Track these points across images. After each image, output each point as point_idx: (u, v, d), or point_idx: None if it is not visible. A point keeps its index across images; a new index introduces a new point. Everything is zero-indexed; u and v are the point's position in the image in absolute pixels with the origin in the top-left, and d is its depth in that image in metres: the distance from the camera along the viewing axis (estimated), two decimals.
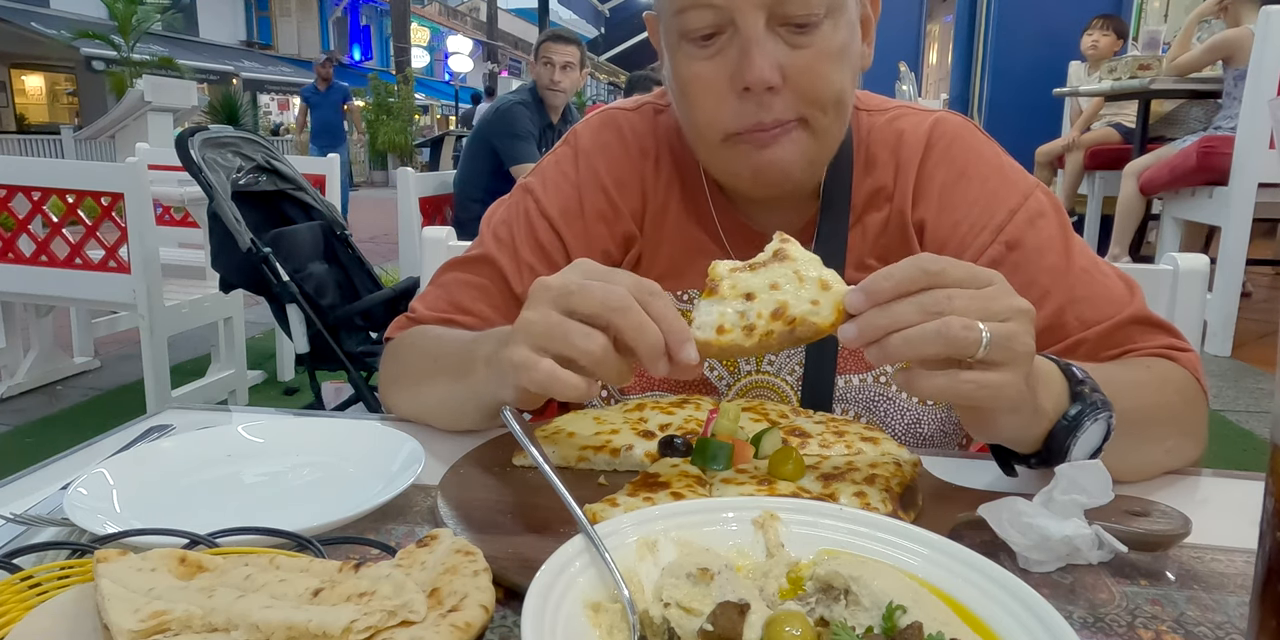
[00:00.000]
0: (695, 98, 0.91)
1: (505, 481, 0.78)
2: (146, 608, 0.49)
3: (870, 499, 0.70)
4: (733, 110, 0.89)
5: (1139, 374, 0.87)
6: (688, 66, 0.90)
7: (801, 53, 0.87)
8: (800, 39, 0.87)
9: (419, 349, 0.99)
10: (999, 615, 0.52)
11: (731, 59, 0.87)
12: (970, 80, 9.06)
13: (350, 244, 3.15)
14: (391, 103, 19.43)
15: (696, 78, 0.90)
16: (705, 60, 0.89)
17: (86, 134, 6.11)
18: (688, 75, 0.90)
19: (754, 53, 0.85)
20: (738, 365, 1.02)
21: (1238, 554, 0.69)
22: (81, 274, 3.25)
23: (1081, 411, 0.71)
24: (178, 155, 2.81)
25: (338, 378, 3.14)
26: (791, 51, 0.87)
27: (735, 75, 0.87)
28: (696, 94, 0.91)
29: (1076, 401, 0.72)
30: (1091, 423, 0.71)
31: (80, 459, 0.86)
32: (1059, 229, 0.97)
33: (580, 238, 0.80)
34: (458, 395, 0.88)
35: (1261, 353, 4.35)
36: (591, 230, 1.03)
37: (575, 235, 0.99)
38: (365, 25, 35.42)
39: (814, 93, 0.88)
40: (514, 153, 4.22)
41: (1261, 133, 4.13)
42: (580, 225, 1.03)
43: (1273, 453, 0.49)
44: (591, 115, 1.12)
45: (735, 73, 0.87)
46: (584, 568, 0.55)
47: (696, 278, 1.03)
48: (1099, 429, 0.72)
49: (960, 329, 0.61)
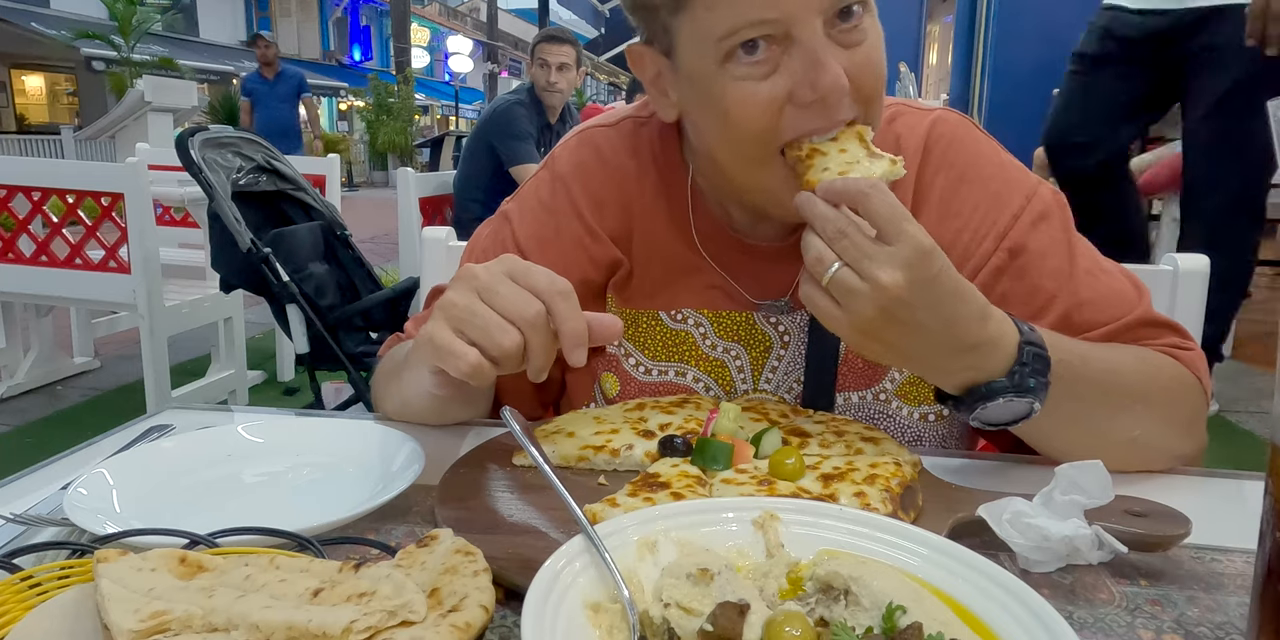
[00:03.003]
0: (748, 118, 0.84)
1: (505, 481, 0.78)
2: (146, 608, 0.49)
3: (870, 499, 0.70)
4: (790, 120, 0.83)
5: (1124, 360, 0.87)
6: (738, 89, 0.83)
7: (856, 51, 0.83)
8: (851, 37, 0.83)
9: (392, 357, 1.03)
10: (999, 615, 0.52)
11: (793, 72, 0.81)
12: (970, 80, 9.05)
13: (350, 244, 3.15)
14: (391, 103, 19.44)
15: (751, 98, 0.83)
16: (760, 79, 0.82)
17: (86, 134, 6.12)
18: (740, 97, 0.83)
19: (825, 59, 0.80)
20: (734, 384, 1.02)
21: (1238, 554, 0.69)
22: (81, 274, 3.25)
23: (1004, 388, 0.77)
24: (178, 155, 2.81)
25: (338, 378, 3.14)
26: (848, 52, 0.83)
27: (802, 90, 0.81)
28: (750, 114, 0.84)
29: (1006, 378, 0.77)
30: (1006, 401, 0.77)
31: (80, 459, 0.86)
32: (1062, 230, 0.96)
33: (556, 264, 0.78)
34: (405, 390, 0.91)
35: (1261, 353, 4.35)
36: (569, 256, 1.01)
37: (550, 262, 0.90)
38: (365, 25, 35.43)
39: (870, 90, 0.85)
40: (513, 154, 4.21)
41: None
42: (555, 252, 1.01)
43: (1272, 453, 0.49)
44: (569, 136, 1.09)
45: (801, 87, 0.81)
46: (584, 568, 0.55)
47: (691, 296, 1.02)
48: (1016, 408, 0.78)
49: (814, 259, 0.73)
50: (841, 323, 0.74)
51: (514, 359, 0.74)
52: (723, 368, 1.02)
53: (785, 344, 1.01)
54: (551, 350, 0.75)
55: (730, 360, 1.02)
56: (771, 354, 1.01)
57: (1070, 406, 0.80)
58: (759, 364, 1.01)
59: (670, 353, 1.02)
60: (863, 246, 0.71)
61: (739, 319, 1.01)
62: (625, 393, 1.02)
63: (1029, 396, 0.77)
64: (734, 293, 1.01)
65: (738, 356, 1.01)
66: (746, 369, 1.02)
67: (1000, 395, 0.76)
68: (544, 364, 0.76)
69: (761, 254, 1.00)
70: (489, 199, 4.13)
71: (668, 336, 1.02)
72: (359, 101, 24.35)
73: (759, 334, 1.01)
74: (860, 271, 0.71)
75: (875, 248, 0.71)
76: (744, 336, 1.01)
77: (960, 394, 0.79)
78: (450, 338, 0.74)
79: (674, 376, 1.02)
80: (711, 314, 1.02)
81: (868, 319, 0.72)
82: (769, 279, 1.01)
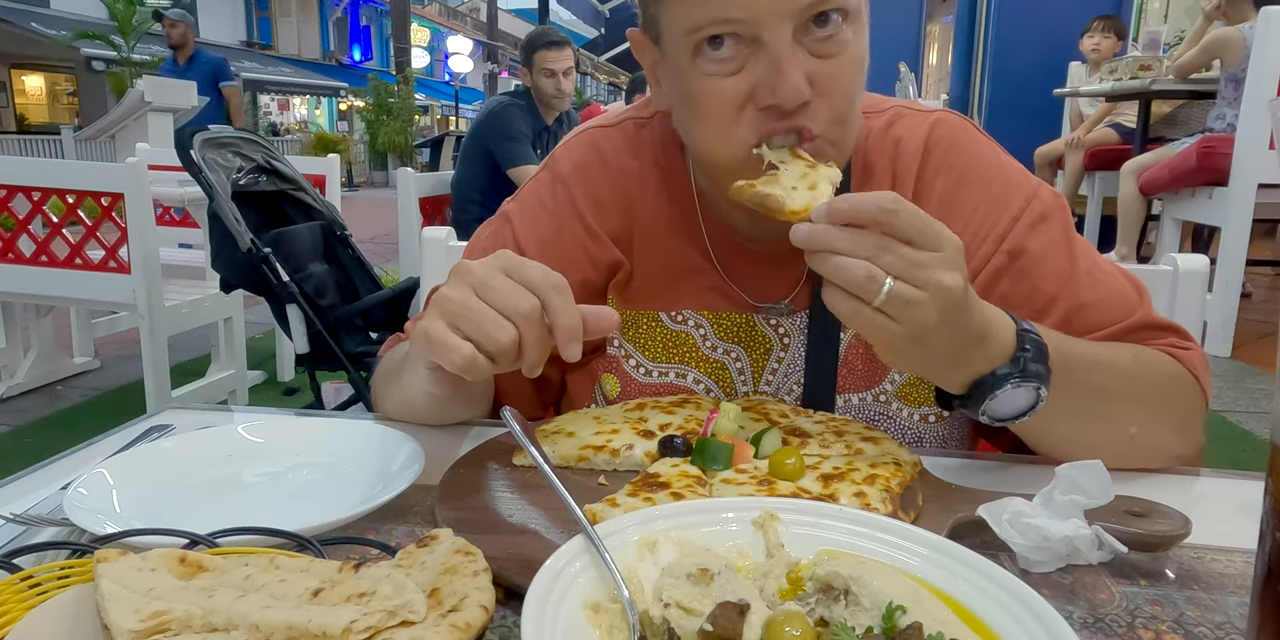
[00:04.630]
0: (712, 115, 0.86)
1: (505, 481, 0.78)
2: (146, 608, 0.49)
3: (870, 499, 0.70)
4: (751, 122, 0.84)
5: (1121, 357, 0.87)
6: (703, 84, 0.84)
7: (828, 62, 0.82)
8: (825, 46, 0.82)
9: (391, 357, 1.03)
10: (999, 615, 0.52)
11: (755, 74, 0.82)
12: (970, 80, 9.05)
13: (350, 244, 3.15)
14: (391, 103, 19.44)
15: (714, 94, 0.84)
16: (725, 76, 0.83)
17: (86, 134, 6.10)
18: (704, 92, 0.84)
19: (787, 67, 0.80)
20: (734, 386, 1.02)
21: (1238, 554, 0.69)
22: (81, 274, 3.25)
23: (1009, 374, 0.76)
24: (178, 155, 2.81)
25: (338, 378, 3.14)
26: (818, 61, 0.82)
27: (761, 91, 0.82)
28: (713, 111, 0.85)
29: (1011, 364, 0.76)
30: (1014, 387, 0.76)
31: (80, 459, 0.86)
32: (1062, 232, 0.96)
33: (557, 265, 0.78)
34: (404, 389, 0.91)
35: (1261, 353, 4.35)
36: (569, 257, 1.01)
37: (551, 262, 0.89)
38: (365, 25, 35.42)
39: (840, 104, 0.84)
40: (509, 155, 4.21)
41: (1261, 133, 4.13)
42: (556, 252, 1.00)
43: (1272, 453, 0.49)
44: (570, 136, 1.09)
45: (760, 88, 0.82)
46: (584, 568, 0.55)
47: (691, 298, 1.02)
48: (1024, 395, 0.77)
49: (864, 279, 0.68)
50: (896, 336, 0.71)
51: (509, 354, 0.74)
52: (723, 369, 1.02)
53: (785, 346, 1.01)
54: (547, 345, 0.75)
55: (730, 362, 1.02)
56: (771, 356, 1.01)
57: (1064, 396, 0.79)
58: (759, 366, 1.01)
59: (670, 354, 1.02)
60: (911, 257, 0.68)
61: (739, 320, 1.01)
62: (626, 394, 1.02)
63: (1034, 382, 0.76)
64: (734, 294, 1.01)
65: (738, 358, 1.01)
66: (747, 371, 1.02)
67: (1008, 381, 0.76)
68: (539, 358, 0.75)
69: (762, 257, 1.00)
70: (486, 200, 4.13)
71: (668, 338, 1.02)
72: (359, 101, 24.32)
73: (759, 336, 1.01)
74: (916, 281, 0.68)
75: (925, 255, 0.69)
76: (744, 338, 1.01)
77: (966, 391, 0.79)
78: (444, 332, 0.74)
79: (674, 378, 1.02)
80: (712, 315, 1.02)
81: (929, 326, 0.70)
82: (770, 281, 1.01)
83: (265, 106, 27.77)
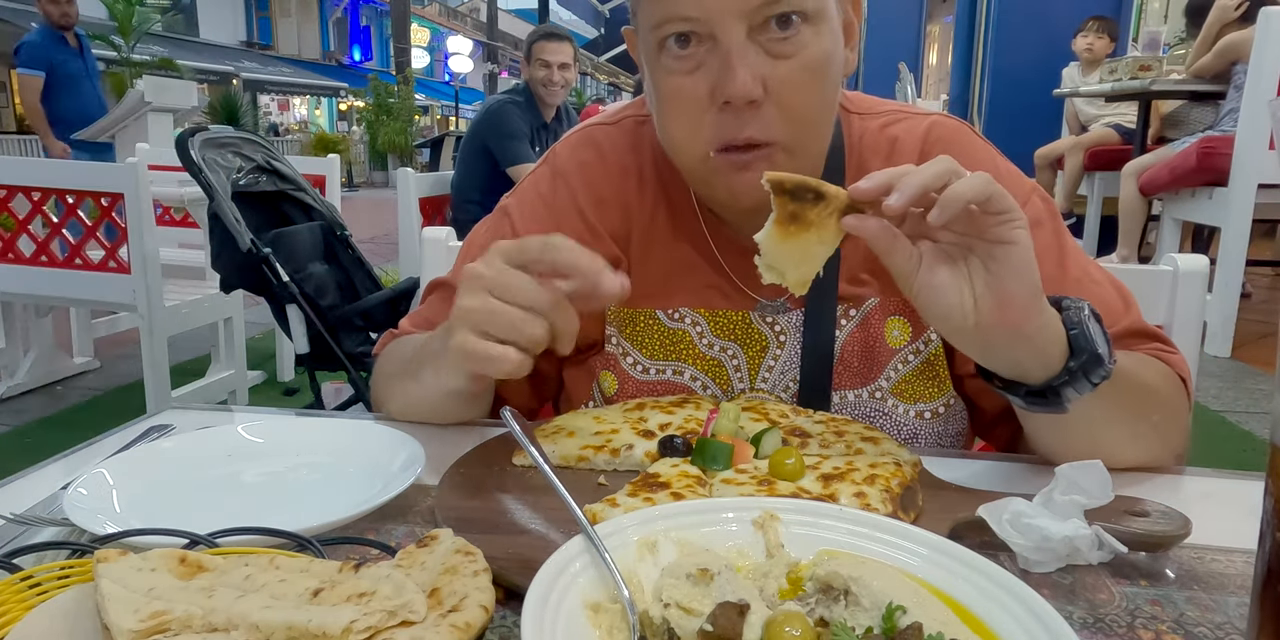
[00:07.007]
0: (674, 113, 0.89)
1: (505, 481, 0.78)
2: (146, 608, 0.49)
3: (870, 499, 0.70)
4: (712, 125, 0.86)
5: (1128, 360, 0.87)
6: (666, 81, 0.87)
7: (783, 63, 0.84)
8: (782, 47, 0.83)
9: (394, 356, 1.03)
10: (999, 615, 0.52)
11: (712, 72, 0.84)
12: (970, 81, 9.06)
13: (350, 244, 3.15)
14: (391, 103, 19.43)
15: (676, 92, 0.87)
16: (685, 74, 0.86)
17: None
18: (667, 90, 0.88)
19: (735, 65, 0.82)
20: (731, 383, 1.02)
21: (1238, 554, 0.69)
22: (81, 274, 3.25)
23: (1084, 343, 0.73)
24: (178, 155, 2.81)
25: (338, 378, 3.14)
26: (774, 62, 0.84)
27: (716, 89, 0.84)
28: (676, 109, 0.88)
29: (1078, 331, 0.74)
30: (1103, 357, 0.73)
31: (80, 459, 0.86)
32: (1054, 237, 0.96)
33: None
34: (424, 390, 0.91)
35: (1261, 353, 4.35)
36: None
37: None
38: (365, 26, 35.44)
39: (797, 107, 0.86)
40: (508, 153, 4.20)
41: (1261, 133, 4.12)
42: None
43: (1272, 453, 0.49)
44: (570, 133, 1.10)
45: (716, 86, 0.84)
46: (584, 568, 0.55)
47: (688, 295, 1.02)
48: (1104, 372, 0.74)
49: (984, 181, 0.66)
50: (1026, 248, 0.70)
51: (544, 344, 0.76)
52: (719, 367, 1.02)
53: (781, 343, 1.01)
54: (575, 322, 0.76)
55: (727, 359, 1.02)
56: (768, 353, 1.01)
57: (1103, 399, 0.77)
58: (755, 363, 1.01)
59: (667, 352, 1.02)
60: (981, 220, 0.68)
61: (735, 318, 1.01)
62: (623, 391, 1.02)
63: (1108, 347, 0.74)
64: (731, 292, 1.01)
65: (734, 356, 1.02)
66: (743, 368, 1.02)
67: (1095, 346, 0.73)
68: (572, 338, 0.77)
69: None
70: (486, 199, 4.13)
71: (665, 335, 1.02)
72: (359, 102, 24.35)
73: (755, 333, 1.01)
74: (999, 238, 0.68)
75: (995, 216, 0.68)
76: (740, 335, 1.01)
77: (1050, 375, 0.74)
78: (480, 343, 0.75)
79: (671, 375, 1.02)
80: (708, 313, 1.02)
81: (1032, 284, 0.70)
82: None
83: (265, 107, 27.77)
